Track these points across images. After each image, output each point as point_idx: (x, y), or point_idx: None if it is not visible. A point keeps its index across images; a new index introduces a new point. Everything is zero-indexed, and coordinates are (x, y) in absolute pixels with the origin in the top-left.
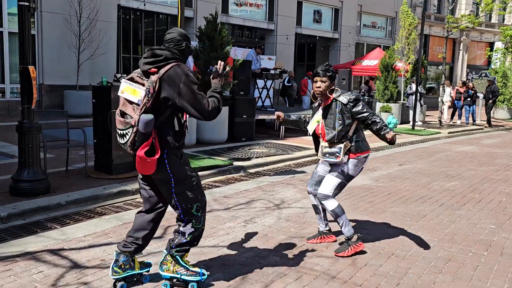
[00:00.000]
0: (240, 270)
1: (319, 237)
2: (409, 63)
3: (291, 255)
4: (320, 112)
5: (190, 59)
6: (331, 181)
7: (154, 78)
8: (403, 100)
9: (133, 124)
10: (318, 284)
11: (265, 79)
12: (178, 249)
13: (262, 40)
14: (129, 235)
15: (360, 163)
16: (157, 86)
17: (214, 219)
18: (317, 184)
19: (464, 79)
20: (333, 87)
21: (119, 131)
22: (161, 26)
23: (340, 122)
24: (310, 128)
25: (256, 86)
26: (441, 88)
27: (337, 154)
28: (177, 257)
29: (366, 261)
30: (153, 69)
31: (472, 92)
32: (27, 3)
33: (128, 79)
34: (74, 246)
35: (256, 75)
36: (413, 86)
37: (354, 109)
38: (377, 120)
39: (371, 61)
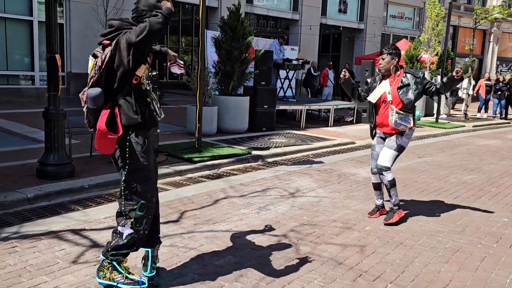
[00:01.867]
0: (250, 254)
1: (379, 211)
2: (435, 55)
3: (301, 241)
4: (385, 84)
5: (212, 49)
6: (390, 154)
7: (106, 50)
8: None
9: (85, 100)
10: (324, 269)
11: (288, 70)
12: (114, 252)
13: (287, 30)
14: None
15: (410, 135)
16: (107, 58)
17: (229, 205)
18: None
19: (494, 72)
20: (397, 64)
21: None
22: (186, 16)
23: (416, 91)
24: (373, 97)
25: (279, 77)
26: (466, 81)
27: (409, 122)
28: (114, 263)
29: (374, 249)
30: (105, 41)
31: (503, 85)
32: None
33: (92, 55)
34: (95, 227)
35: (279, 65)
36: (439, 78)
37: (425, 81)
38: (436, 84)
39: None
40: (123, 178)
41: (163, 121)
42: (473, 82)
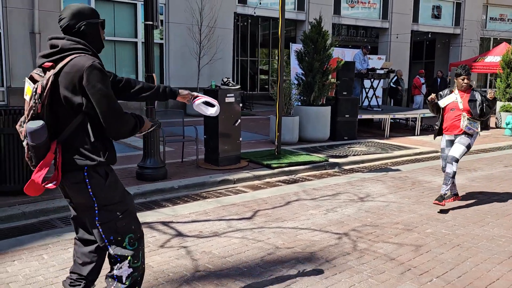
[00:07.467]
0: (310, 247)
1: (452, 197)
2: None
3: (360, 239)
4: (456, 96)
5: (296, 61)
6: (461, 149)
7: (48, 74)
8: None
9: (24, 134)
10: (375, 263)
11: (372, 79)
12: None
13: (377, 39)
14: (73, 271)
15: (475, 138)
16: (49, 84)
17: (299, 207)
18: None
19: None
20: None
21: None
22: (276, 29)
23: (480, 107)
24: (442, 103)
25: (363, 86)
26: None
27: (476, 127)
28: None
29: (429, 249)
30: (47, 63)
31: None
32: (151, 22)
33: (29, 78)
34: (180, 220)
35: (362, 75)
36: None
37: (486, 101)
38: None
39: (495, 57)
40: (96, 218)
41: (249, 130)
42: None
